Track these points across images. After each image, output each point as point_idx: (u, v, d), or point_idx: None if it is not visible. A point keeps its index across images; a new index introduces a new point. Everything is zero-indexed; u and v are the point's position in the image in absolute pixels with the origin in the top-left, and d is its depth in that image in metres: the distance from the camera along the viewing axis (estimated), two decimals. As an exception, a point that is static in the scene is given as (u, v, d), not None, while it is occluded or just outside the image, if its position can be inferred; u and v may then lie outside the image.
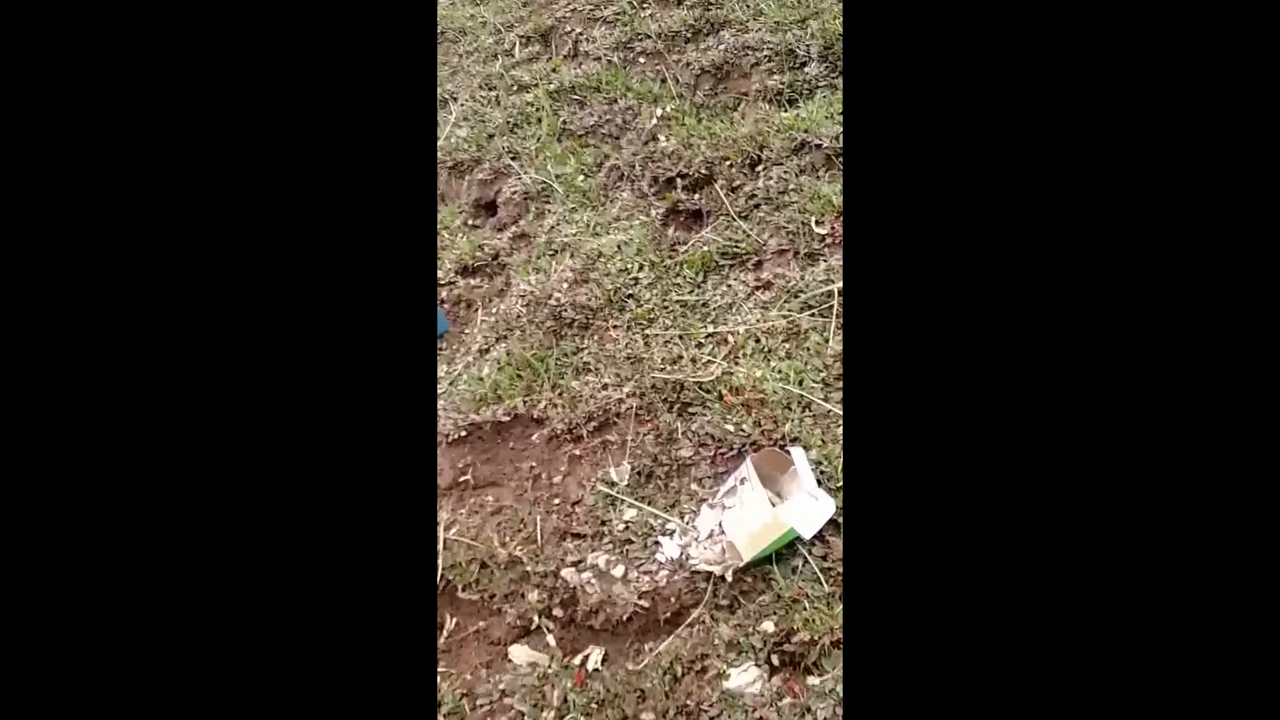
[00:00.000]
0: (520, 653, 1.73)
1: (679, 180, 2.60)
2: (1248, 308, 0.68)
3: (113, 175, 0.71)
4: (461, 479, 2.02)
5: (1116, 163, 0.72)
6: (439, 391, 2.23)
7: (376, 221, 0.78)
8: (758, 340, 2.10)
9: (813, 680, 1.53)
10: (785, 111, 2.73)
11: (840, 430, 1.84)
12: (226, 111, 0.74)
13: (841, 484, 1.73)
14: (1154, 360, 0.70)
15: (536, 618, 1.75)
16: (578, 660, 1.71)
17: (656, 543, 1.79)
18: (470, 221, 2.83)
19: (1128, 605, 0.68)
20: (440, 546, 1.86)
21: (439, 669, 1.75)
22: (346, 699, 0.72)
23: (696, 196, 2.56)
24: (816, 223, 2.30)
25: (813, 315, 2.10)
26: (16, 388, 0.66)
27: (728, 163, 2.58)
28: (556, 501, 1.93)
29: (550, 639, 1.73)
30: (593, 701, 1.61)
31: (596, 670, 1.67)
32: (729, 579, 1.65)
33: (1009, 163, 0.75)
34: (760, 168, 2.54)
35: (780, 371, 1.98)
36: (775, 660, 1.57)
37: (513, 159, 2.90)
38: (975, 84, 0.76)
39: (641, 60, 3.13)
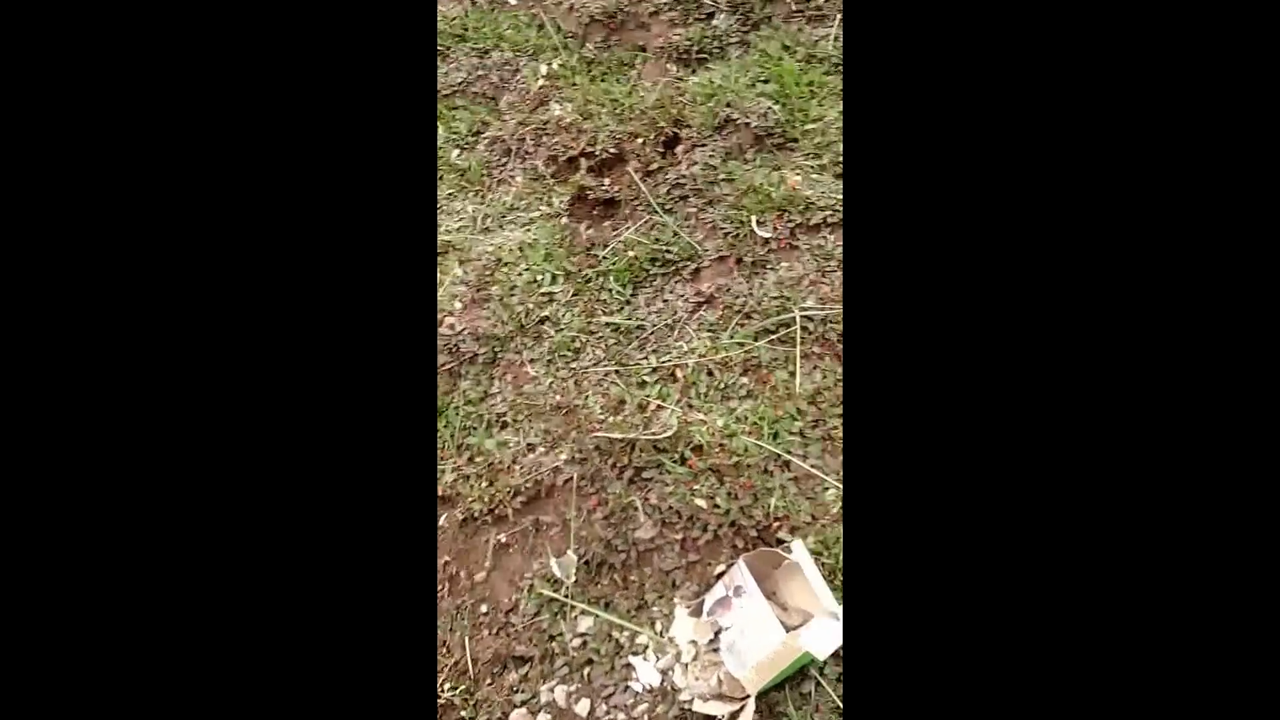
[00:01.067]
0: (462, 828, 1.33)
1: (583, 160, 2.15)
2: (1246, 308, 0.66)
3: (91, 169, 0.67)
4: (354, 583, 1.56)
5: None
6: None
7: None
8: (711, 374, 1.73)
9: None
10: (695, 74, 2.32)
11: (830, 497, 1.52)
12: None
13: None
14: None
15: (482, 781, 1.36)
16: (540, 831, 1.33)
17: (628, 665, 1.42)
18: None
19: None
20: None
21: None
22: None
23: (607, 182, 2.13)
24: (758, 223, 1.93)
25: (772, 344, 1.74)
26: (17, 390, 0.65)
27: (639, 139, 2.16)
28: (485, 611, 1.51)
29: (501, 806, 1.35)
30: None
31: None
32: (740, 728, 1.31)
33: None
34: (680, 149, 2.14)
35: (748, 420, 1.63)
36: (803, 826, 1.26)
37: (363, 126, 2.34)
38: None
39: (513, 2, 2.60)
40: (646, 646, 1.43)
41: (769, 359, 1.72)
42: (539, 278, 1.92)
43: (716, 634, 1.40)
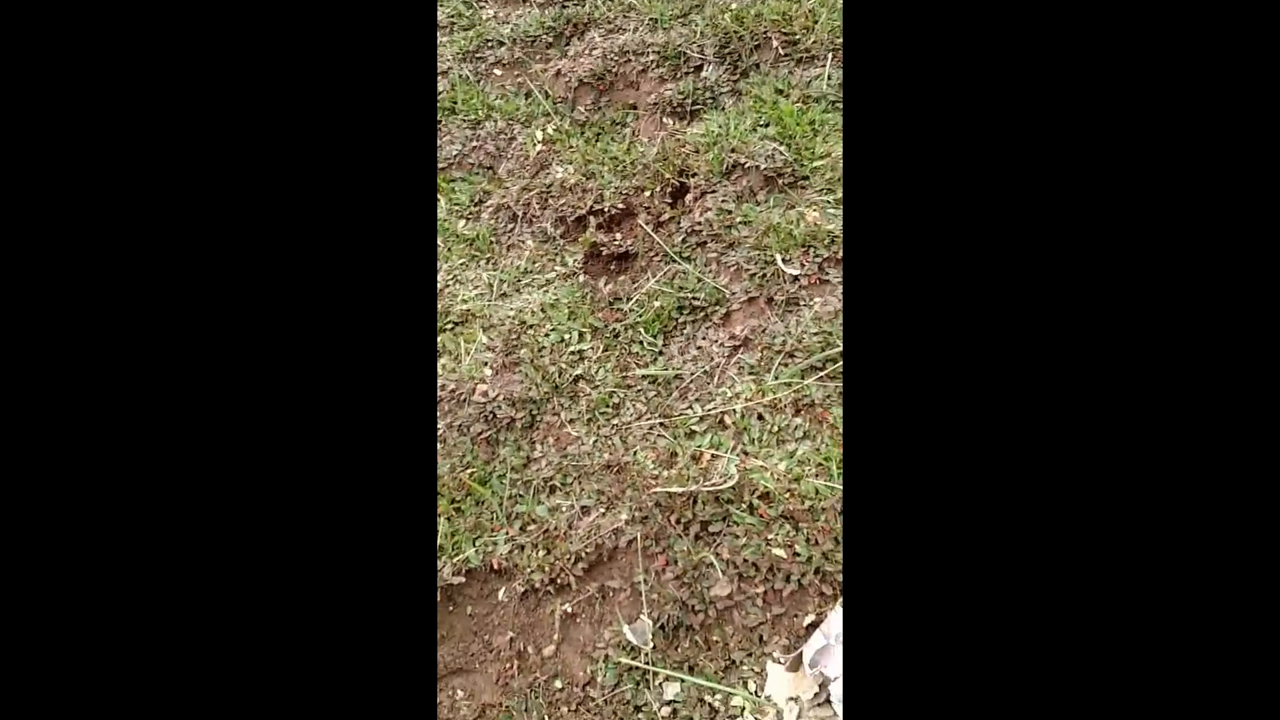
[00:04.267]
0: None
1: (592, 218, 2.11)
2: (1247, 309, 0.65)
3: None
4: (414, 675, 1.44)
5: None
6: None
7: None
8: (762, 418, 1.65)
9: None
10: (692, 125, 2.30)
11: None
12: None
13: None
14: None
15: None
16: None
17: (726, 731, 1.31)
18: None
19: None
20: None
21: None
22: None
23: (619, 236, 2.08)
24: (784, 260, 1.89)
25: (821, 381, 1.68)
26: (16, 389, 0.65)
27: (646, 192, 2.12)
28: (559, 687, 1.40)
29: None
30: None
31: None
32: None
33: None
34: (689, 197, 2.10)
35: (812, 462, 1.55)
36: None
37: (360, 205, 2.28)
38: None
39: (498, 72, 2.58)
40: (743, 709, 1.32)
41: (821, 396, 1.66)
42: (566, 337, 1.85)
43: (822, 686, 1.30)
